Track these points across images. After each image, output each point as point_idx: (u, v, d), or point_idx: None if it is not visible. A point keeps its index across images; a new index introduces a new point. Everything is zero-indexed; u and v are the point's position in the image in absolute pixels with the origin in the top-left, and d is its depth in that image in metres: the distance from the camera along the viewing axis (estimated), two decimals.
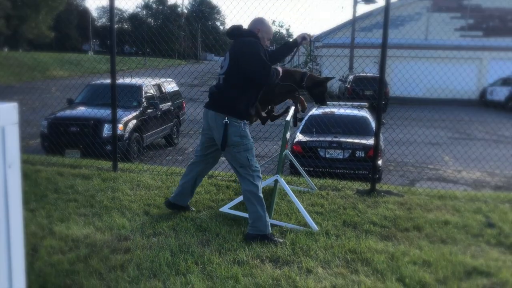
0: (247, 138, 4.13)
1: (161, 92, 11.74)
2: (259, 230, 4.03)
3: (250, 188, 4.09)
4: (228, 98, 4.07)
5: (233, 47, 4.12)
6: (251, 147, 4.14)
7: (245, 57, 3.99)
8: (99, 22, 69.08)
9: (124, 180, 5.89)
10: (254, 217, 4.05)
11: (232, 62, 4.06)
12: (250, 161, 4.11)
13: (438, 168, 10.30)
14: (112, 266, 3.46)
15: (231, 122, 4.03)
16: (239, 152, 4.09)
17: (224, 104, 4.08)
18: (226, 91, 4.10)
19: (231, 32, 4.23)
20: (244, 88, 4.07)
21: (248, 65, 3.99)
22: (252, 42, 4.05)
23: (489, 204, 5.49)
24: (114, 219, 4.42)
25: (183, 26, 67.42)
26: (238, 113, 4.06)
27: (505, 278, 3.50)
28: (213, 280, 3.30)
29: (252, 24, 4.25)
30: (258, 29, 4.18)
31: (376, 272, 3.54)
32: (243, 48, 4.03)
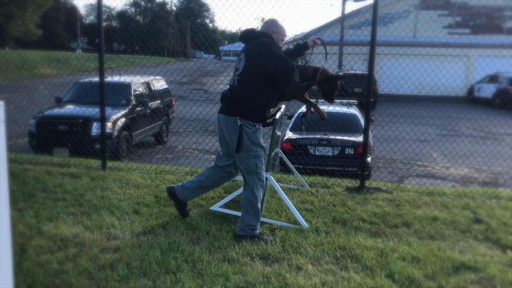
0: (258, 144, 4.04)
1: (150, 90, 11.69)
2: (247, 233, 4.04)
3: (250, 197, 4.04)
4: (241, 99, 3.97)
5: (249, 49, 4.03)
6: (261, 155, 4.05)
7: (266, 56, 3.90)
8: (87, 20, 68.62)
9: (113, 179, 5.86)
10: (246, 224, 4.05)
11: (248, 63, 3.97)
12: (259, 169, 4.04)
13: (427, 165, 10.38)
14: (102, 265, 3.45)
15: (244, 126, 3.95)
16: (248, 158, 4.01)
17: (236, 105, 3.98)
18: (241, 92, 3.99)
19: (244, 35, 4.15)
20: (260, 89, 3.98)
21: (271, 64, 3.90)
22: (269, 42, 4.00)
23: (477, 200, 5.55)
24: (103, 218, 4.40)
25: (172, 24, 67.14)
26: (252, 115, 3.97)
27: (492, 273, 3.54)
28: (203, 278, 3.30)
29: (266, 25, 4.21)
30: (272, 30, 4.15)
31: (366, 268, 3.56)
32: (261, 49, 3.94)
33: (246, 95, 3.96)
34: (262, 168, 4.07)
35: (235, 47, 73.30)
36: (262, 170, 4.08)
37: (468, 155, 9.63)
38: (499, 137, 14.40)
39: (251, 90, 3.96)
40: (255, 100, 3.97)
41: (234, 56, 65.95)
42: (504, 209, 5.23)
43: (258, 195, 4.03)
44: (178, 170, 6.72)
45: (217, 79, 23.48)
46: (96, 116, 7.57)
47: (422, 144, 10.57)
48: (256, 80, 3.96)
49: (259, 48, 3.96)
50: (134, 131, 10.14)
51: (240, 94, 3.99)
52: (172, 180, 5.89)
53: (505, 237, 4.31)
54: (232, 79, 4.13)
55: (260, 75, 3.95)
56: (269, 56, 3.90)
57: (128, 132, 9.84)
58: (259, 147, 4.04)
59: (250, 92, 3.96)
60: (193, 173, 6.48)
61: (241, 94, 3.98)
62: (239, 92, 4.00)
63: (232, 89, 4.08)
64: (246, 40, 4.14)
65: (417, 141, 10.20)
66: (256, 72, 3.95)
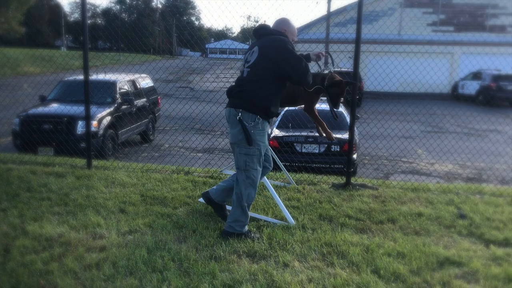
0: (255, 143, 3.95)
1: (136, 88, 11.62)
2: (235, 230, 4.03)
3: (238, 193, 4.02)
4: (250, 91, 3.93)
5: (264, 43, 3.98)
6: (254, 153, 3.96)
7: (283, 54, 3.87)
8: (71, 17, 67.85)
9: (98, 178, 5.81)
10: (233, 219, 4.04)
11: (262, 57, 3.92)
12: (247, 166, 3.97)
13: (412, 161, 10.48)
14: (87, 265, 3.42)
15: (242, 119, 3.89)
16: (240, 154, 3.98)
17: (244, 97, 3.93)
18: (249, 84, 3.94)
19: (259, 30, 4.12)
20: (269, 83, 3.94)
21: (287, 61, 3.87)
22: (286, 40, 3.98)
23: (461, 196, 5.62)
24: (88, 217, 4.37)
25: (157, 21, 66.74)
26: (258, 108, 3.92)
27: (475, 268, 3.59)
28: (190, 277, 3.30)
29: (278, 24, 4.19)
30: (285, 29, 4.14)
31: (352, 264, 3.59)
32: (277, 45, 3.91)
33: (255, 87, 3.93)
34: (252, 167, 3.99)
35: (221, 45, 73.22)
36: (253, 168, 4.00)
37: (452, 152, 9.75)
38: (482, 134, 14.60)
39: (261, 82, 3.93)
40: (263, 93, 3.93)
41: (221, 54, 65.78)
42: (487, 204, 5.31)
43: (243, 192, 4.00)
44: (165, 168, 6.69)
45: (203, 77, 23.41)
46: (81, 114, 7.50)
47: (407, 140, 10.67)
48: (267, 74, 3.93)
49: (276, 44, 3.93)
50: (119, 129, 10.08)
51: (248, 85, 3.95)
52: (158, 178, 5.87)
53: (488, 232, 4.38)
54: (241, 71, 4.09)
55: (273, 70, 3.91)
56: (285, 54, 3.88)
57: (114, 131, 9.78)
58: (255, 146, 3.95)
59: (259, 84, 3.93)
60: (180, 171, 6.47)
61: (249, 85, 3.94)
62: (247, 84, 3.96)
63: (241, 80, 4.03)
64: (260, 35, 4.11)
65: (402, 138, 10.29)
66: (269, 67, 3.91)
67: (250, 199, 4.07)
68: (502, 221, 4.70)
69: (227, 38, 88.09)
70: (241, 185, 4.01)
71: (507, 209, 5.13)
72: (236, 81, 4.11)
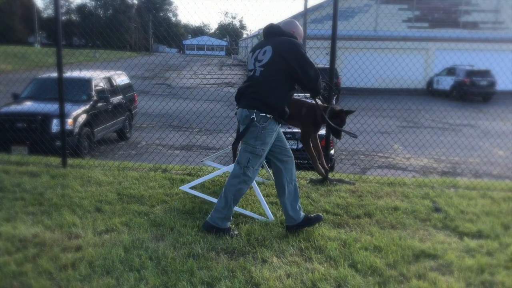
0: (261, 142, 3.93)
1: (112, 85, 11.47)
2: (216, 223, 4.02)
3: (228, 185, 4.01)
4: (263, 91, 3.91)
5: (277, 43, 3.95)
6: (258, 153, 3.94)
7: (297, 57, 3.86)
8: (45, 13, 66.52)
9: (74, 177, 5.72)
10: (217, 211, 4.02)
11: (275, 57, 3.89)
12: (248, 164, 3.95)
13: (388, 156, 10.62)
14: (63, 265, 3.37)
15: (255, 120, 3.88)
16: (244, 151, 3.97)
17: (257, 97, 3.91)
18: (263, 84, 3.92)
19: (270, 29, 4.10)
20: (282, 83, 3.93)
21: (300, 65, 3.86)
22: (299, 43, 3.97)
23: (436, 190, 5.72)
24: (64, 217, 4.29)
25: (133, 18, 65.98)
26: (272, 107, 3.90)
27: (450, 260, 3.67)
28: (168, 275, 3.27)
29: (286, 25, 4.18)
30: (293, 31, 4.13)
31: (329, 259, 3.62)
32: (291, 47, 3.90)
33: (269, 87, 3.92)
34: (253, 165, 3.98)
35: (197, 41, 72.81)
36: (253, 167, 3.98)
37: (427, 146, 9.91)
38: (456, 128, 14.88)
39: (275, 83, 3.92)
40: (278, 94, 3.93)
41: (198, 50, 65.41)
42: (461, 197, 5.41)
43: (235, 185, 4.00)
44: (142, 166, 6.63)
45: (180, 73, 23.25)
46: (56, 112, 7.36)
47: (383, 136, 10.80)
48: (281, 75, 3.92)
49: (290, 46, 3.91)
50: (95, 127, 9.94)
51: (263, 86, 3.93)
52: (135, 176, 5.81)
53: (462, 225, 4.46)
54: (253, 70, 4.04)
55: (285, 71, 3.89)
56: (298, 57, 3.87)
57: (90, 129, 9.64)
58: (260, 144, 3.93)
59: (274, 84, 3.92)
60: (157, 169, 6.41)
61: (264, 86, 3.92)
62: (259, 82, 3.94)
63: (254, 79, 3.99)
64: (271, 35, 4.09)
65: (378, 133, 10.42)
66: (282, 68, 3.89)
67: (239, 194, 4.06)
68: (475, 214, 4.80)
69: (205, 35, 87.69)
70: (236, 179, 4.00)
71: (480, 202, 5.24)
72: (248, 80, 4.07)
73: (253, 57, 4.07)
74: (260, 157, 3.99)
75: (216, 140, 11.08)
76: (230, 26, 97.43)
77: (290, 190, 4.17)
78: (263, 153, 4.00)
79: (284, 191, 4.16)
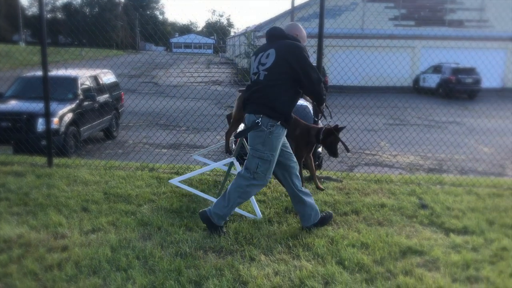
0: (270, 148, 3.90)
1: (98, 84, 11.36)
2: (212, 217, 3.98)
3: (235, 186, 3.98)
4: (269, 96, 3.90)
5: (281, 47, 3.94)
6: (267, 158, 3.91)
7: (301, 63, 3.86)
8: (29, 11, 65.67)
9: (60, 176, 5.67)
10: (218, 207, 3.99)
11: (279, 61, 3.88)
12: (258, 169, 3.92)
13: (375, 154, 10.68)
14: (49, 266, 3.34)
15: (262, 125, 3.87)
16: (253, 157, 3.94)
17: (264, 103, 3.90)
18: (268, 88, 3.90)
19: (273, 32, 4.10)
20: (287, 87, 3.92)
21: (302, 68, 3.85)
22: (303, 47, 3.97)
23: (422, 186, 5.77)
24: (50, 217, 4.25)
25: (120, 16, 65.49)
26: (279, 112, 3.89)
27: (436, 256, 3.70)
28: (155, 274, 3.26)
29: (290, 28, 4.19)
30: (297, 34, 4.14)
31: (317, 256, 3.64)
32: (295, 51, 3.89)
33: (275, 92, 3.90)
34: (264, 172, 3.95)
35: (184, 39, 72.52)
36: (262, 173, 3.95)
37: (414, 143, 9.97)
38: (442, 125, 15.03)
39: (280, 87, 3.90)
40: (284, 99, 3.92)
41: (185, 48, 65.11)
42: (447, 194, 5.47)
43: (243, 190, 3.96)
44: (129, 165, 6.58)
45: (167, 72, 23.14)
46: (41, 111, 7.28)
47: (370, 133, 10.86)
48: (285, 79, 3.90)
49: (293, 49, 3.91)
50: (82, 126, 9.85)
51: (268, 90, 3.91)
52: (122, 175, 5.77)
53: (448, 221, 4.51)
54: (257, 73, 4.02)
55: (289, 74, 3.89)
56: (301, 60, 3.87)
57: (76, 128, 9.55)
58: (268, 150, 3.91)
59: (279, 89, 3.90)
60: (144, 168, 6.38)
61: (270, 91, 3.91)
62: (267, 88, 3.92)
63: (258, 83, 3.98)
64: (274, 37, 4.08)
65: (365, 131, 10.47)
66: (286, 71, 3.88)
67: (245, 196, 4.04)
68: (461, 210, 4.86)
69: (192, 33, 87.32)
70: (244, 181, 3.96)
71: (466, 198, 5.30)
72: (253, 84, 4.05)
73: (256, 60, 4.07)
74: (270, 162, 3.95)
75: (203, 138, 11.05)
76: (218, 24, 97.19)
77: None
78: (273, 159, 3.96)
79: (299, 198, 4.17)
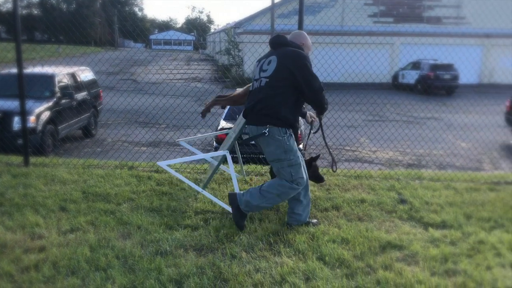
0: (292, 152, 3.92)
1: (76, 81, 11.18)
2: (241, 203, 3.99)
3: (278, 185, 3.95)
4: (271, 104, 3.88)
5: (282, 54, 3.94)
6: (296, 163, 3.93)
7: (300, 68, 3.85)
8: (3, 7, 64.26)
9: (37, 176, 5.57)
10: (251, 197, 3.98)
11: (281, 68, 3.88)
12: (293, 176, 3.92)
13: (355, 150, 10.77)
14: (25, 267, 3.27)
15: (273, 134, 3.87)
16: (282, 168, 3.92)
17: (266, 113, 3.89)
18: (270, 98, 3.89)
19: (276, 40, 4.10)
20: (288, 95, 3.90)
21: (303, 76, 3.84)
22: (305, 56, 3.96)
23: (401, 182, 5.84)
24: (26, 217, 4.17)
25: (98, 12, 64.62)
26: (284, 120, 3.88)
27: (415, 250, 3.74)
28: (135, 273, 3.22)
29: (296, 36, 4.19)
30: (303, 43, 4.14)
31: (298, 252, 3.65)
32: (297, 58, 3.89)
33: (278, 102, 3.88)
34: (299, 175, 3.94)
35: (163, 36, 71.95)
36: (300, 177, 3.95)
37: (393, 139, 10.09)
38: (421, 121, 15.22)
39: (281, 95, 3.89)
40: (285, 104, 3.90)
41: (165, 45, 64.62)
42: (426, 189, 5.54)
43: (284, 190, 3.94)
44: (107, 164, 6.50)
45: (146, 69, 22.92)
46: (17, 109, 7.14)
47: (349, 130, 10.93)
48: (287, 86, 3.89)
49: (295, 56, 3.91)
50: (59, 124, 9.69)
51: (268, 96, 3.90)
52: (101, 174, 5.69)
53: (427, 215, 4.57)
54: (258, 79, 4.02)
55: (290, 81, 3.87)
56: (302, 68, 3.86)
57: (53, 126, 9.39)
58: (292, 154, 3.92)
59: (279, 98, 3.88)
60: (123, 166, 6.30)
61: (270, 96, 3.89)
62: (269, 98, 3.90)
63: (260, 91, 3.96)
64: (277, 45, 4.08)
65: (345, 127, 10.55)
66: (287, 77, 3.87)
67: (284, 197, 4.04)
68: (439, 205, 4.92)
69: (171, 29, 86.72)
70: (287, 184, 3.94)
71: (444, 193, 5.37)
72: (255, 93, 4.04)
73: (258, 67, 4.09)
74: (299, 165, 3.96)
75: (183, 136, 10.98)
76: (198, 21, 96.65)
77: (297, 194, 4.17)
78: (299, 160, 3.97)
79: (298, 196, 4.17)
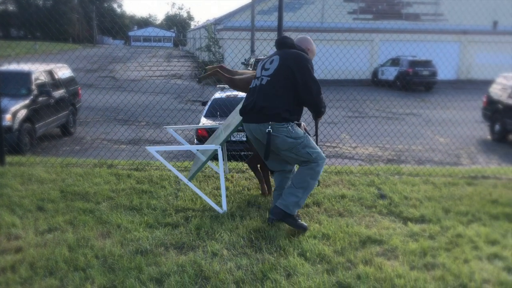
0: (300, 136, 3.98)
1: (53, 79, 10.99)
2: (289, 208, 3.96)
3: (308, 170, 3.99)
4: (271, 102, 3.92)
5: (286, 55, 4.00)
6: (307, 142, 4.00)
7: (301, 69, 3.91)
8: None
9: (13, 175, 5.46)
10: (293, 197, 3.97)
11: (283, 68, 3.93)
12: (312, 154, 3.98)
13: (335, 146, 10.84)
14: (1, 268, 3.20)
15: (276, 128, 3.91)
16: (299, 152, 3.98)
17: (267, 112, 3.92)
18: (271, 97, 3.94)
19: (282, 41, 4.15)
20: (290, 95, 3.94)
21: (303, 79, 3.89)
22: (309, 59, 4.02)
23: (381, 177, 5.89)
24: (2, 217, 4.09)
25: (76, 8, 63.65)
26: (284, 117, 3.92)
27: (395, 244, 3.78)
28: (115, 273, 3.19)
29: (302, 41, 4.23)
30: (308, 48, 4.19)
31: (279, 248, 3.65)
32: (299, 59, 3.95)
33: (275, 94, 3.93)
34: (315, 152, 4.00)
35: (142, 32, 71.26)
36: (317, 153, 4.00)
37: (373, 135, 10.18)
38: (400, 117, 15.39)
39: (283, 95, 3.93)
40: (286, 103, 3.94)
41: (144, 42, 64.01)
42: (405, 184, 5.60)
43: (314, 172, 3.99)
44: (86, 162, 6.41)
45: (125, 66, 22.67)
46: None
47: (330, 126, 10.98)
48: (288, 85, 3.93)
49: (298, 58, 3.97)
50: (37, 122, 9.52)
51: (269, 94, 3.94)
52: (79, 173, 5.61)
53: (406, 210, 4.62)
54: (259, 78, 4.06)
55: (291, 81, 3.92)
56: (304, 70, 3.92)
57: (31, 124, 9.22)
58: (301, 137, 3.99)
59: (282, 98, 3.93)
60: (102, 164, 6.22)
61: (271, 94, 3.94)
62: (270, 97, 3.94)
63: (261, 89, 4.00)
64: (282, 46, 4.14)
65: (325, 123, 10.60)
66: (288, 77, 3.92)
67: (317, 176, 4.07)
68: (418, 199, 4.98)
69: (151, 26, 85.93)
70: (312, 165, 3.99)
71: (422, 188, 5.44)
72: (255, 92, 4.06)
73: (260, 66, 4.14)
74: (310, 141, 4.05)
75: (163, 133, 10.90)
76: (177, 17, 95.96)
77: None
78: (309, 138, 4.06)
79: None
